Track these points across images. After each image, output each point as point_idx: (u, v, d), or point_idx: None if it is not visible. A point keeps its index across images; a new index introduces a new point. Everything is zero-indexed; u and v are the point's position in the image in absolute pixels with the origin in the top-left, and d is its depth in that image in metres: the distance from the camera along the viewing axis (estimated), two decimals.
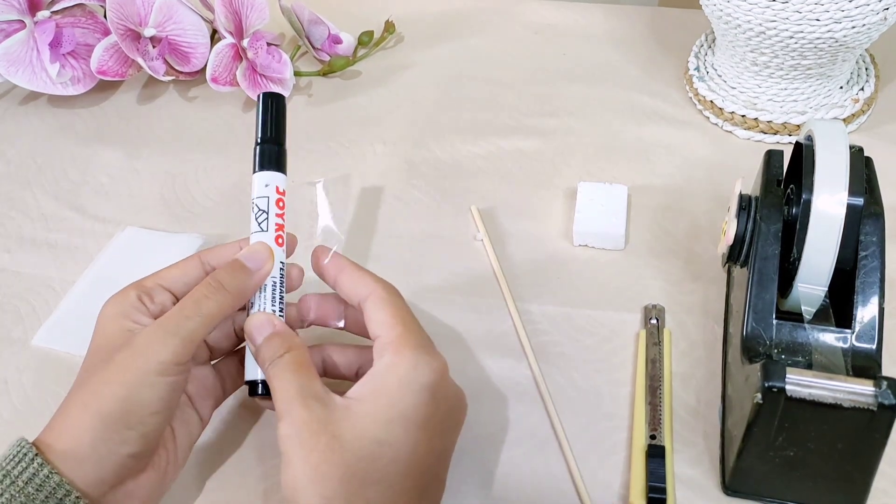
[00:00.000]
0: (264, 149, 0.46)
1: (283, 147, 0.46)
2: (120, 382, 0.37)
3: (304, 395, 0.37)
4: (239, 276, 0.42)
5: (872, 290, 0.41)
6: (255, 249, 0.43)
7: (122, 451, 0.37)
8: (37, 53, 0.68)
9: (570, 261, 0.56)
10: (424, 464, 0.38)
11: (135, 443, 0.38)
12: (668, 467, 0.44)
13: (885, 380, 0.37)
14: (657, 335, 0.51)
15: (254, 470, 0.46)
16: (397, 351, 0.38)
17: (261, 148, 0.46)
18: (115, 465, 0.37)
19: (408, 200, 0.62)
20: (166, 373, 0.38)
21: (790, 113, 0.63)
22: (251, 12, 0.69)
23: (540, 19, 0.79)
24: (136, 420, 0.37)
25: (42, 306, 0.56)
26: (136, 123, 0.70)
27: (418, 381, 0.38)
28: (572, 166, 0.63)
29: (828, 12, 0.55)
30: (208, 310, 0.40)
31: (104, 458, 0.37)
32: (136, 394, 0.37)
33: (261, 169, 0.45)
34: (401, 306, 0.41)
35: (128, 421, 0.37)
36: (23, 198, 0.64)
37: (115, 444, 0.37)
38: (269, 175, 0.45)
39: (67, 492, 0.36)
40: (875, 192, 0.43)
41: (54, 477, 0.36)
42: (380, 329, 0.40)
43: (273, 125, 0.46)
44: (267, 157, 0.45)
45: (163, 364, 0.38)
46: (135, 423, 0.37)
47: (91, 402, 0.37)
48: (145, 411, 0.38)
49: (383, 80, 0.73)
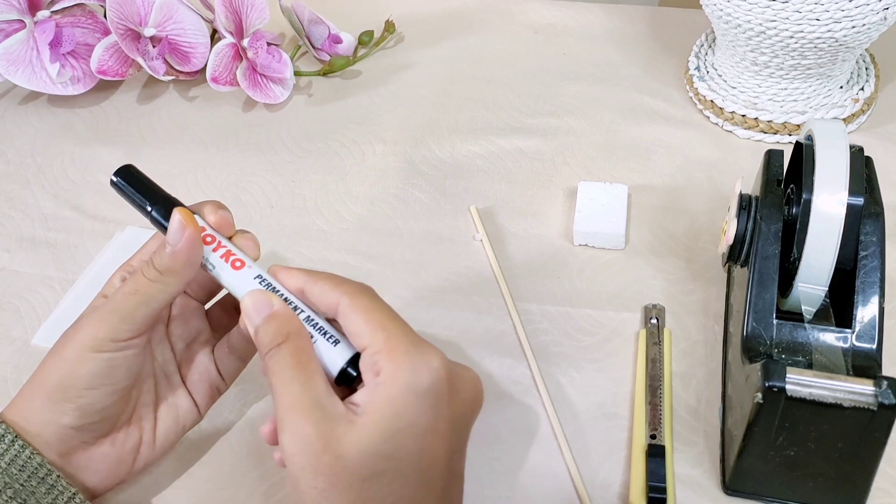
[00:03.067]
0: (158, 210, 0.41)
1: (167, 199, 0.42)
2: (58, 357, 0.39)
3: (306, 403, 0.35)
4: (165, 255, 0.40)
5: (872, 289, 0.41)
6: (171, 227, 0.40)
7: (59, 421, 0.39)
8: (37, 53, 0.68)
9: (570, 260, 0.56)
10: (436, 467, 0.37)
11: (71, 414, 0.39)
12: (668, 467, 0.44)
13: (886, 379, 0.37)
14: (657, 335, 0.51)
15: (254, 470, 0.46)
16: (391, 358, 0.36)
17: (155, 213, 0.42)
18: (55, 434, 0.39)
19: (408, 200, 0.62)
20: (101, 349, 0.39)
21: (790, 113, 0.63)
22: (251, 12, 0.69)
23: (540, 19, 0.79)
24: (73, 393, 0.39)
25: (42, 306, 0.56)
26: (136, 123, 0.70)
27: (420, 386, 0.36)
28: (572, 166, 0.63)
29: (828, 12, 0.55)
30: (144, 290, 0.39)
31: (43, 426, 0.39)
32: (70, 368, 0.39)
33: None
34: (376, 308, 0.38)
35: (65, 393, 0.39)
36: (23, 197, 0.64)
37: (52, 413, 0.39)
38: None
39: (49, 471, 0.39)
40: (875, 192, 0.43)
41: (36, 457, 0.38)
42: (363, 339, 0.37)
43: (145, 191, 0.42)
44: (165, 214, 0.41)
45: (97, 340, 0.39)
46: (72, 396, 0.39)
47: (37, 378, 0.40)
48: (80, 385, 0.39)
49: (383, 80, 0.73)
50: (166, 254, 0.39)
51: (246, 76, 0.69)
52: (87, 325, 0.40)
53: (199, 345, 0.45)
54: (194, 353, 0.45)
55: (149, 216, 0.42)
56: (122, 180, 0.42)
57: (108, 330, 0.39)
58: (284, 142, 0.68)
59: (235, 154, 0.67)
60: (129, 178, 0.42)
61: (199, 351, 0.45)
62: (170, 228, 0.40)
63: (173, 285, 0.40)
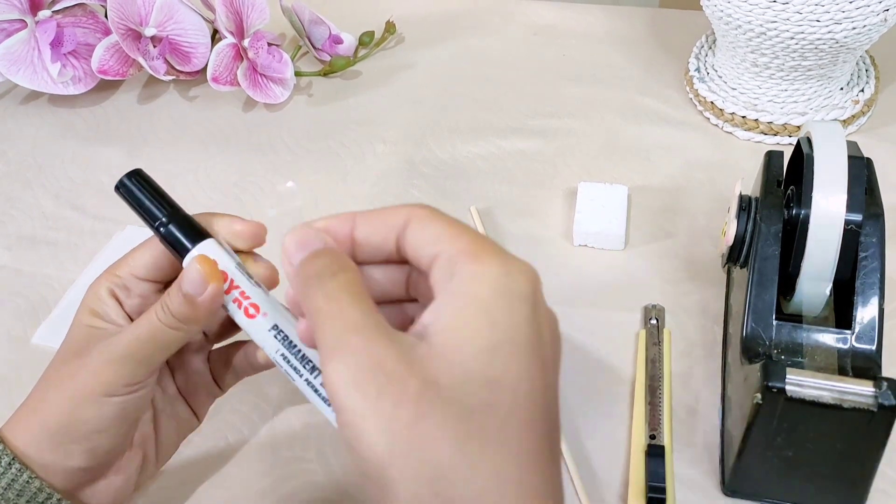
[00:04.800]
0: (169, 231, 0.37)
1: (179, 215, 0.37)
2: (66, 396, 0.36)
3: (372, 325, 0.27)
4: (183, 304, 0.35)
5: (872, 290, 0.41)
6: (190, 276, 0.35)
7: (67, 463, 0.36)
8: (38, 53, 0.68)
9: (569, 261, 0.56)
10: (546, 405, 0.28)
11: (80, 457, 0.36)
12: (667, 467, 0.44)
13: (885, 380, 0.37)
14: (657, 335, 0.51)
15: (253, 469, 0.46)
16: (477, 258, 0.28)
17: (165, 231, 0.37)
18: (63, 474, 0.36)
19: (408, 200, 0.62)
20: (114, 393, 0.36)
21: (790, 114, 0.63)
22: (252, 12, 0.69)
23: (540, 20, 0.79)
24: (80, 436, 0.36)
25: (42, 305, 0.56)
26: (137, 123, 0.70)
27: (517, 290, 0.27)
28: (572, 167, 0.63)
29: (828, 13, 0.55)
30: (161, 336, 0.36)
31: (50, 467, 0.36)
32: (80, 411, 0.35)
33: (183, 252, 0.37)
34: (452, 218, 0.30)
35: (71, 436, 0.36)
36: (23, 197, 0.64)
37: (59, 455, 0.36)
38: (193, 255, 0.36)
39: (49, 495, 0.35)
40: (875, 193, 0.43)
41: (34, 482, 0.35)
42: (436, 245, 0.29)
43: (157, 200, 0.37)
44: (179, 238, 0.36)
45: (111, 386, 0.35)
46: (79, 438, 0.36)
47: (39, 408, 0.36)
48: (89, 428, 0.36)
49: (384, 81, 0.73)
50: (184, 303, 0.35)
51: (246, 76, 0.69)
52: (96, 364, 0.36)
53: (193, 352, 0.41)
54: (188, 360, 0.41)
55: (156, 232, 0.37)
56: (129, 187, 0.37)
57: (124, 375, 0.36)
58: (285, 142, 0.68)
59: (236, 154, 0.67)
60: (137, 186, 0.37)
61: (193, 358, 0.42)
62: (188, 276, 0.35)
63: (192, 331, 0.37)
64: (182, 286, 0.35)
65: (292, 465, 0.46)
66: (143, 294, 0.38)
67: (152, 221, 0.37)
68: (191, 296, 0.35)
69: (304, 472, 0.46)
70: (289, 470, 0.46)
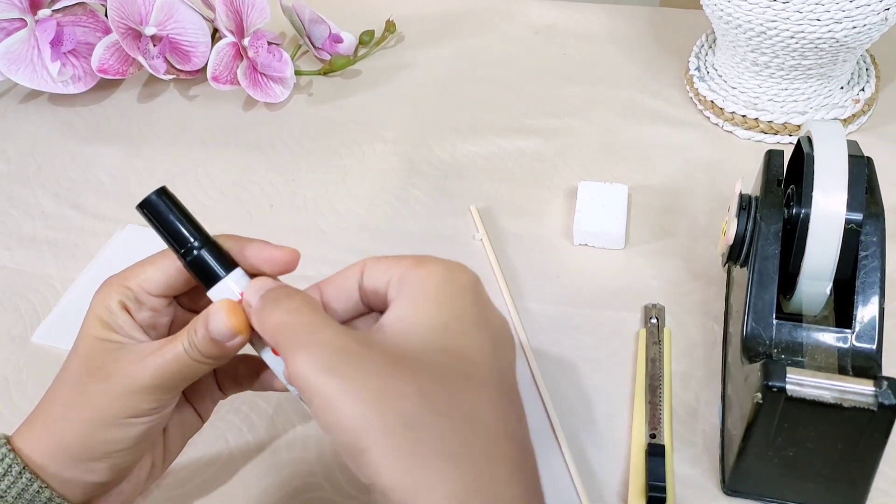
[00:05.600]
0: (195, 259, 0.35)
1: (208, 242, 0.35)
2: (87, 417, 0.35)
3: (331, 324, 0.30)
4: (210, 344, 0.35)
5: (873, 289, 0.41)
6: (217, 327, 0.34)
7: (87, 479, 0.36)
8: (38, 52, 0.68)
9: (570, 260, 0.56)
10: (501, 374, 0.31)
11: (101, 473, 0.36)
12: (667, 466, 0.44)
13: (886, 380, 0.37)
14: (657, 334, 0.51)
15: (253, 470, 0.46)
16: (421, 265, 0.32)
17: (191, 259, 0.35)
18: (81, 489, 0.36)
19: (408, 200, 0.62)
20: (140, 415, 0.35)
21: (791, 113, 0.63)
22: (252, 11, 0.69)
23: (540, 19, 0.79)
24: (101, 455, 0.35)
25: (42, 304, 0.56)
26: (137, 122, 0.70)
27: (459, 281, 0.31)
28: (572, 166, 0.63)
29: (828, 12, 0.55)
30: (190, 368, 0.35)
31: (69, 482, 0.35)
32: (103, 433, 0.35)
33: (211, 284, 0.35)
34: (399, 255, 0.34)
35: (93, 455, 0.35)
36: (23, 196, 0.64)
37: (79, 472, 0.35)
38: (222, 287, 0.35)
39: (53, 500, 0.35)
40: (875, 193, 0.43)
41: (45, 492, 0.35)
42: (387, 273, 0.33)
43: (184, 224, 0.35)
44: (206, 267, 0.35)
45: (135, 410, 0.35)
46: (101, 457, 0.35)
47: (56, 427, 0.36)
48: (112, 448, 0.35)
49: (384, 80, 0.73)
50: (212, 345, 0.34)
51: (246, 75, 0.69)
52: (121, 389, 0.35)
53: None
54: None
55: (181, 258, 0.35)
56: (155, 206, 0.35)
57: (149, 404, 0.35)
58: (285, 141, 0.68)
59: (236, 153, 0.67)
60: (164, 205, 0.35)
61: None
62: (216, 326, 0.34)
63: (219, 363, 0.36)
64: (210, 331, 0.34)
65: (292, 465, 0.46)
66: (155, 308, 0.37)
67: (178, 247, 0.35)
68: (218, 341, 0.34)
69: (305, 473, 0.46)
70: (289, 471, 0.46)
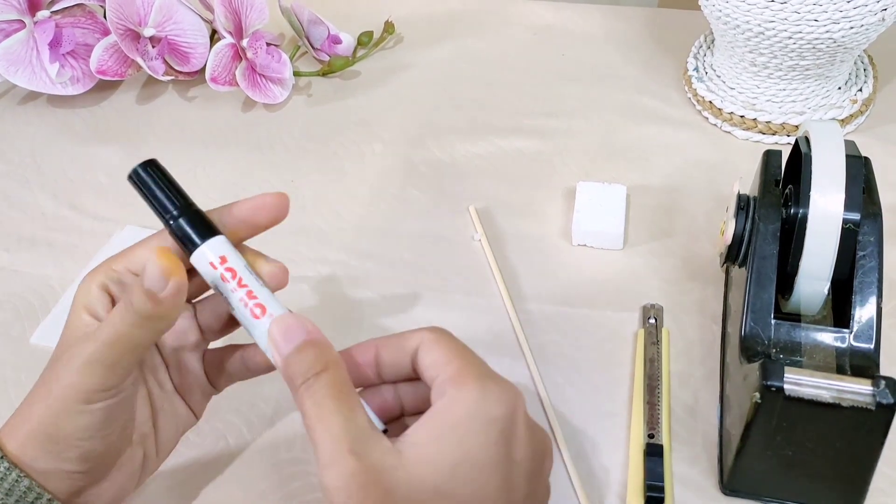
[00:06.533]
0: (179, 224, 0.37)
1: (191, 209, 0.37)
2: (45, 405, 0.35)
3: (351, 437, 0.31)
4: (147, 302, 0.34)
5: (871, 289, 0.41)
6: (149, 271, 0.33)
7: (63, 468, 0.35)
8: (36, 53, 0.68)
9: (568, 260, 0.57)
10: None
11: (74, 462, 0.35)
12: (666, 466, 0.44)
13: (884, 379, 0.37)
14: (655, 334, 0.51)
15: (253, 470, 0.46)
16: (459, 383, 0.32)
17: (175, 225, 0.37)
18: (61, 479, 0.36)
19: (406, 200, 0.62)
20: (91, 400, 0.34)
21: (789, 113, 0.63)
22: (251, 12, 0.69)
23: (539, 20, 0.79)
24: (67, 443, 0.35)
25: (41, 305, 0.56)
26: (136, 123, 0.70)
27: (487, 414, 0.32)
28: (571, 166, 0.63)
29: (826, 13, 0.55)
30: (126, 337, 0.34)
31: (48, 473, 0.35)
32: (60, 420, 0.35)
33: (192, 247, 0.37)
34: (455, 342, 0.35)
35: (59, 443, 0.35)
36: (22, 197, 0.64)
37: (53, 461, 0.35)
38: (203, 251, 0.36)
39: (38, 495, 0.35)
40: (873, 193, 0.43)
41: (24, 481, 0.35)
42: (435, 369, 0.34)
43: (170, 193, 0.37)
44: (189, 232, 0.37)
45: (85, 393, 0.34)
46: (68, 446, 0.35)
47: (26, 415, 0.36)
48: (75, 437, 0.35)
49: (382, 81, 0.73)
50: (147, 300, 0.33)
51: (245, 76, 0.69)
52: (67, 372, 0.35)
53: (189, 349, 0.40)
54: (183, 358, 0.40)
55: (166, 225, 0.37)
56: (143, 177, 0.37)
57: (96, 381, 0.34)
58: (284, 142, 0.68)
59: (234, 154, 0.67)
60: (151, 176, 0.37)
61: (188, 356, 0.40)
62: (147, 272, 0.33)
63: (161, 329, 0.36)
64: (143, 281, 0.33)
65: (292, 466, 0.46)
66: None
67: (163, 214, 0.37)
68: (152, 292, 0.33)
69: (304, 474, 0.46)
70: (289, 471, 0.46)
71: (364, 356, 0.36)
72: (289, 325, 0.34)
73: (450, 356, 0.34)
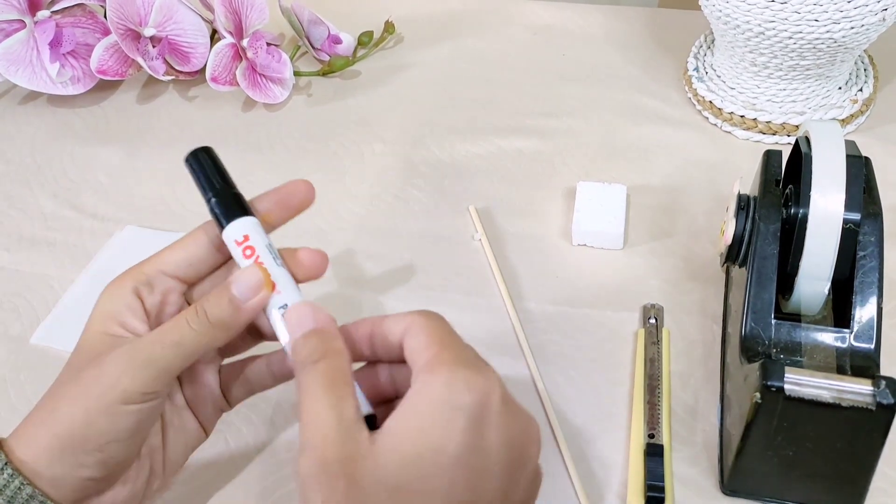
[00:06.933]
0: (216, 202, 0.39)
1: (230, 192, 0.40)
2: (80, 406, 0.35)
3: (330, 424, 0.32)
4: (226, 308, 0.35)
5: (871, 289, 0.41)
6: (244, 278, 0.36)
7: (78, 475, 0.35)
8: (37, 53, 0.68)
9: (568, 260, 0.57)
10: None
11: (93, 468, 0.35)
12: (666, 466, 0.44)
13: (884, 379, 0.37)
14: (656, 334, 0.51)
15: (253, 471, 0.46)
16: (430, 370, 0.32)
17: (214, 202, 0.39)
18: (72, 486, 0.35)
19: (407, 200, 0.62)
20: (131, 401, 0.35)
21: (789, 113, 0.63)
22: (251, 12, 0.69)
23: (539, 20, 0.79)
24: (93, 446, 0.35)
25: (41, 305, 0.56)
26: (136, 123, 0.70)
27: (453, 401, 0.31)
28: (571, 166, 0.63)
29: (826, 13, 0.55)
30: (189, 342, 0.35)
31: (60, 479, 0.35)
32: (95, 420, 0.34)
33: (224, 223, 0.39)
34: (441, 327, 0.35)
35: (84, 446, 0.35)
36: (22, 196, 0.64)
37: (70, 466, 0.35)
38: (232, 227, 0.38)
39: (42, 502, 0.34)
40: (873, 192, 0.43)
41: (26, 489, 0.34)
42: (415, 355, 0.34)
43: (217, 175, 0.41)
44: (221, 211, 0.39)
45: (128, 394, 0.34)
46: (92, 448, 0.35)
47: (49, 419, 0.35)
48: (104, 439, 0.35)
49: (383, 80, 0.73)
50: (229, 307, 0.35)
51: (245, 76, 0.69)
52: (114, 371, 0.35)
53: (204, 364, 0.40)
54: (198, 372, 0.40)
55: (208, 202, 0.39)
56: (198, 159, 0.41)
57: (143, 383, 0.34)
58: (284, 142, 0.68)
59: (235, 154, 0.67)
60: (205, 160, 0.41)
61: (204, 370, 0.40)
62: (244, 278, 0.36)
63: (222, 339, 0.36)
64: (233, 287, 0.36)
65: (292, 465, 0.46)
66: (165, 292, 0.38)
67: (206, 192, 0.39)
68: (238, 301, 0.35)
69: None
70: (288, 471, 0.46)
71: (359, 332, 0.37)
72: (302, 313, 0.36)
73: (429, 342, 0.34)
